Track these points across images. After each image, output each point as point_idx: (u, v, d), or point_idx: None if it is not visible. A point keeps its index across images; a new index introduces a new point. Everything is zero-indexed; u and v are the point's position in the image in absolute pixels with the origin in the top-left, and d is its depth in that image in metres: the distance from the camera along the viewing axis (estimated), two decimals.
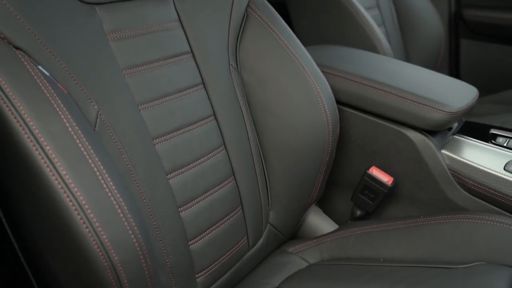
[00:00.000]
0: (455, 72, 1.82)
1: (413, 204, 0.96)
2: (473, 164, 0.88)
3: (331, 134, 0.85)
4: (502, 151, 0.90)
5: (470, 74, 1.78)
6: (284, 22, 0.88)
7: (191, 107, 0.73)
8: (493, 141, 0.92)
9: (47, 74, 0.55)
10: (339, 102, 0.95)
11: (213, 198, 0.74)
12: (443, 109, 0.87)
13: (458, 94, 0.94)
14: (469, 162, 0.88)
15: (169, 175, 0.68)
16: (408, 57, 1.62)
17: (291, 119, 0.82)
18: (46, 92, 0.52)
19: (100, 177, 0.52)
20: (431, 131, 0.91)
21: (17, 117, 0.50)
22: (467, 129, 0.97)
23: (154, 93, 0.68)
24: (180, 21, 0.75)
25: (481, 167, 0.87)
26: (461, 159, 0.89)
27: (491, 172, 0.86)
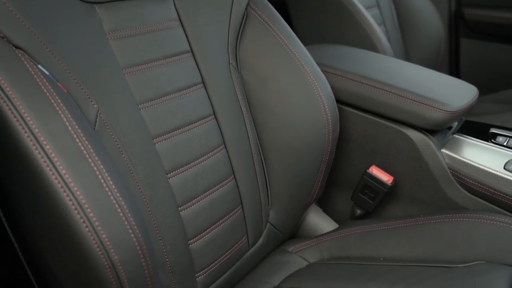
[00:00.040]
0: (455, 71, 1.82)
1: (413, 203, 0.96)
2: (473, 163, 0.88)
3: (331, 133, 0.85)
4: (502, 150, 0.90)
5: (470, 73, 1.78)
6: (284, 21, 0.88)
7: (191, 106, 0.73)
8: (493, 140, 0.92)
9: (47, 73, 0.55)
10: (339, 101, 0.95)
11: (213, 197, 0.74)
12: (443, 108, 0.87)
13: (458, 93, 0.94)
14: (469, 161, 0.88)
15: (169, 174, 0.68)
16: (408, 56, 1.62)
17: (291, 118, 0.82)
18: (46, 91, 0.52)
19: (100, 176, 0.52)
20: (431, 130, 0.91)
21: (16, 116, 0.50)
22: (467, 128, 0.97)
23: (154, 92, 0.68)
24: (180, 20, 0.75)
25: (481, 166, 0.87)
26: (461, 158, 0.89)
27: (491, 171, 0.86)
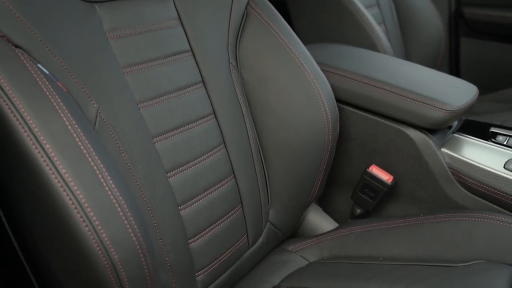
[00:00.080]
0: (455, 71, 1.82)
1: (413, 202, 0.96)
2: (473, 162, 0.88)
3: (331, 133, 0.85)
4: (502, 149, 0.89)
5: (470, 73, 1.78)
6: (284, 21, 0.88)
7: (191, 106, 0.73)
8: (493, 139, 0.92)
9: (47, 72, 0.55)
10: (339, 100, 0.95)
11: (213, 197, 0.74)
12: (443, 107, 0.87)
13: (458, 92, 0.94)
14: (469, 161, 0.88)
15: (169, 173, 0.68)
16: (408, 55, 1.62)
17: (291, 117, 0.82)
18: (45, 90, 0.52)
19: (100, 176, 0.52)
20: (431, 129, 0.91)
21: (16, 116, 0.50)
22: (467, 127, 0.97)
23: (154, 91, 0.68)
24: (180, 19, 0.75)
25: (481, 165, 0.87)
26: (461, 157, 0.89)
27: (491, 170, 0.86)
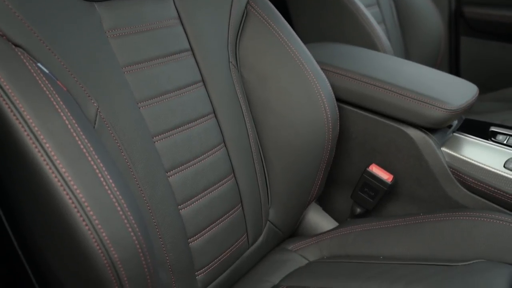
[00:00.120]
0: (455, 70, 1.82)
1: (413, 201, 0.96)
2: (473, 161, 0.88)
3: (331, 132, 0.85)
4: (502, 148, 0.89)
5: (470, 72, 1.78)
6: (284, 20, 0.88)
7: (190, 105, 0.73)
8: (493, 138, 0.92)
9: (47, 71, 0.55)
10: (339, 99, 0.95)
11: (212, 196, 0.74)
12: (443, 106, 0.87)
13: (458, 91, 0.93)
14: (469, 160, 0.88)
15: (168, 172, 0.68)
16: (408, 54, 1.62)
17: (291, 116, 0.82)
18: (45, 89, 0.52)
19: (100, 175, 0.52)
20: (431, 128, 0.91)
21: (16, 115, 0.50)
22: (467, 126, 0.97)
23: (153, 90, 0.68)
24: (179, 18, 0.75)
25: (481, 164, 0.87)
26: (461, 156, 0.89)
27: (491, 169, 0.86)
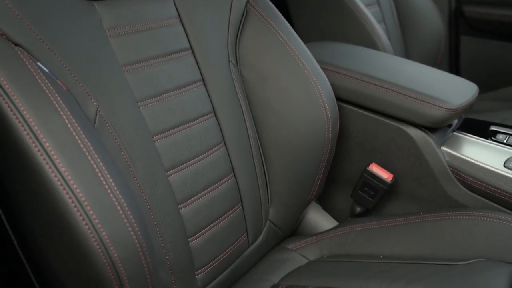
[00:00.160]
0: (455, 69, 1.82)
1: (413, 201, 0.96)
2: (473, 161, 0.88)
3: (331, 131, 0.85)
4: (502, 148, 0.89)
5: (470, 71, 1.78)
6: (284, 19, 0.88)
7: (190, 104, 0.73)
8: (493, 138, 0.92)
9: (46, 70, 0.55)
10: (339, 99, 0.95)
11: (212, 195, 0.74)
12: (443, 106, 0.87)
13: (458, 91, 0.93)
14: (469, 159, 0.88)
15: (168, 171, 0.68)
16: (408, 53, 1.62)
17: (291, 115, 0.82)
18: (45, 88, 0.52)
19: (100, 174, 0.52)
20: (431, 128, 0.91)
21: (16, 114, 0.50)
22: (467, 126, 0.97)
23: (153, 89, 0.68)
24: (179, 17, 0.75)
25: (481, 164, 0.87)
26: (461, 156, 0.89)
27: (491, 169, 0.86)
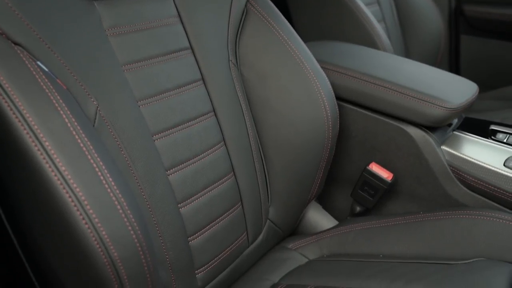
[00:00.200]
0: (455, 68, 1.82)
1: (413, 200, 0.96)
2: (473, 160, 0.88)
3: (331, 130, 0.85)
4: (502, 147, 0.89)
5: (470, 70, 1.78)
6: (284, 18, 0.88)
7: (190, 103, 0.72)
8: (493, 137, 0.92)
9: (46, 69, 0.55)
10: (339, 98, 0.95)
11: (212, 194, 0.74)
12: (443, 105, 0.87)
13: (458, 90, 0.93)
14: (469, 158, 0.88)
15: (168, 171, 0.68)
16: (408, 53, 1.62)
17: (291, 115, 0.82)
18: (45, 88, 0.52)
19: (100, 173, 0.52)
20: (431, 127, 0.91)
21: (16, 113, 0.50)
22: (467, 125, 0.97)
23: (153, 89, 0.68)
24: (179, 16, 0.75)
25: (481, 163, 0.87)
26: (461, 155, 0.89)
27: (491, 168, 0.86)
